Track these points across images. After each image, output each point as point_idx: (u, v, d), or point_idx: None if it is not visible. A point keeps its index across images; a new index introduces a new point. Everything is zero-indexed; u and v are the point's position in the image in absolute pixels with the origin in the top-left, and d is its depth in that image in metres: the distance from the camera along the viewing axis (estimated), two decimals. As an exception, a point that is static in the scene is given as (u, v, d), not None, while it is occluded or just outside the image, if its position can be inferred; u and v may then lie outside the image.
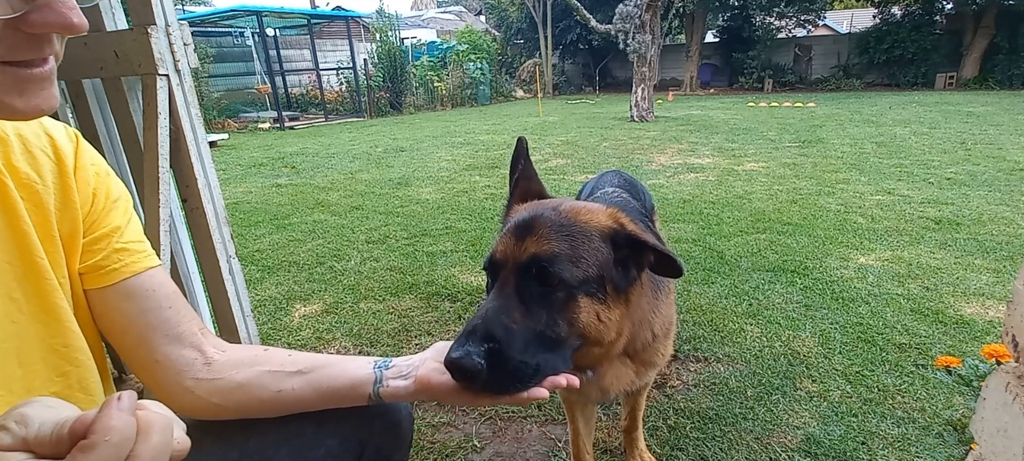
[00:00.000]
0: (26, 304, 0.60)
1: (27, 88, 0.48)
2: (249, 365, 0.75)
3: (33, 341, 0.60)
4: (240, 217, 4.20)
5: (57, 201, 0.64)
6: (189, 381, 0.72)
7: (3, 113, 0.48)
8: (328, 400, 0.77)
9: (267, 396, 0.74)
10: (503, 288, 0.79)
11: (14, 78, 0.47)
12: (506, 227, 0.86)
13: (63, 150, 0.66)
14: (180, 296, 0.75)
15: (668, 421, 1.69)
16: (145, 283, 0.71)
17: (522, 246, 0.81)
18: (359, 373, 0.77)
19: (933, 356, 1.94)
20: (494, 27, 23.12)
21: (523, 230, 0.82)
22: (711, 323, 2.29)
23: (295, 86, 14.78)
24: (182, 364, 0.72)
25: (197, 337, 0.74)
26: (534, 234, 0.81)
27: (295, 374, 0.75)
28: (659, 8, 9.76)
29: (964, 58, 14.87)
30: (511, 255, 0.81)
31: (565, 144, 7.44)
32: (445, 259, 3.14)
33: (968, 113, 8.92)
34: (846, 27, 19.04)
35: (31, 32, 0.46)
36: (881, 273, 2.72)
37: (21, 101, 0.48)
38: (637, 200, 1.65)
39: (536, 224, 0.83)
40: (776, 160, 5.71)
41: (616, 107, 12.56)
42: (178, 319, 0.73)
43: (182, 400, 0.72)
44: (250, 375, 0.74)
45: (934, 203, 3.88)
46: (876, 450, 1.54)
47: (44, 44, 0.48)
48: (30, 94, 0.48)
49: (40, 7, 0.45)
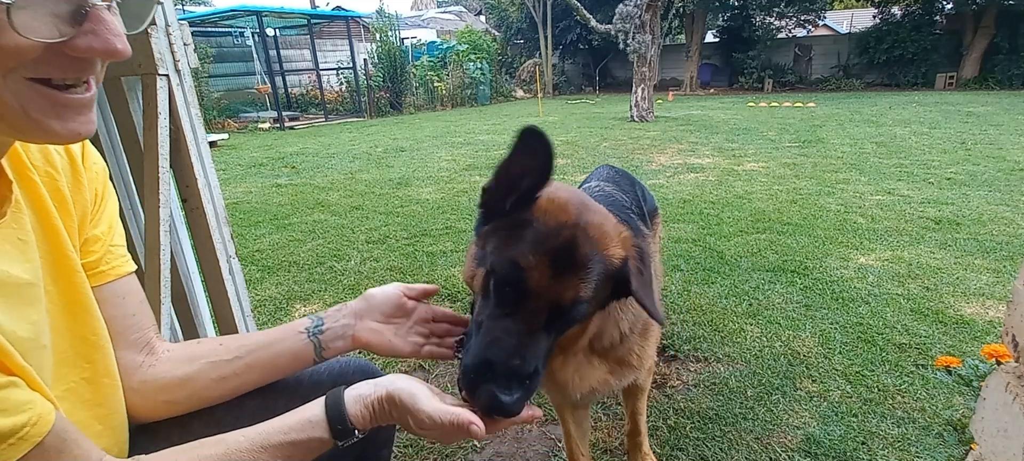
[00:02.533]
0: (58, 296, 0.61)
1: (66, 112, 0.48)
2: (188, 361, 0.77)
3: (63, 331, 0.62)
4: (240, 217, 4.20)
5: (71, 193, 0.66)
6: (136, 383, 0.74)
7: (40, 136, 0.49)
8: (273, 376, 0.81)
9: (212, 385, 0.77)
10: (532, 321, 0.75)
11: (53, 101, 0.47)
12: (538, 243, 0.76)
13: (72, 147, 0.68)
14: (145, 302, 0.78)
15: (668, 421, 1.69)
16: (122, 288, 0.73)
17: (560, 286, 0.75)
18: (296, 345, 0.81)
19: (933, 356, 1.94)
20: (494, 27, 23.12)
21: (561, 264, 0.75)
22: (711, 323, 2.29)
23: (295, 86, 14.78)
24: (132, 368, 0.74)
25: (151, 341, 0.77)
26: (573, 274, 0.75)
27: (233, 360, 0.78)
28: (659, 8, 9.76)
29: (964, 58, 14.88)
30: (545, 291, 0.74)
31: (565, 144, 7.44)
32: (445, 259, 3.14)
33: (968, 113, 8.92)
34: (846, 27, 19.04)
35: (75, 56, 0.46)
36: (881, 273, 2.72)
37: (59, 124, 0.48)
38: (627, 194, 1.63)
39: (574, 261, 0.76)
40: (776, 160, 5.71)
41: (616, 107, 12.56)
42: (140, 325, 0.75)
43: (131, 402, 0.73)
44: (190, 370, 0.77)
45: (934, 203, 3.88)
46: (876, 450, 1.54)
47: (87, 68, 0.48)
48: (68, 118, 0.48)
49: (85, 32, 0.45)
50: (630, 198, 1.63)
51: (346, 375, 0.86)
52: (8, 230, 0.55)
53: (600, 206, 0.88)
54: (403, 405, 0.69)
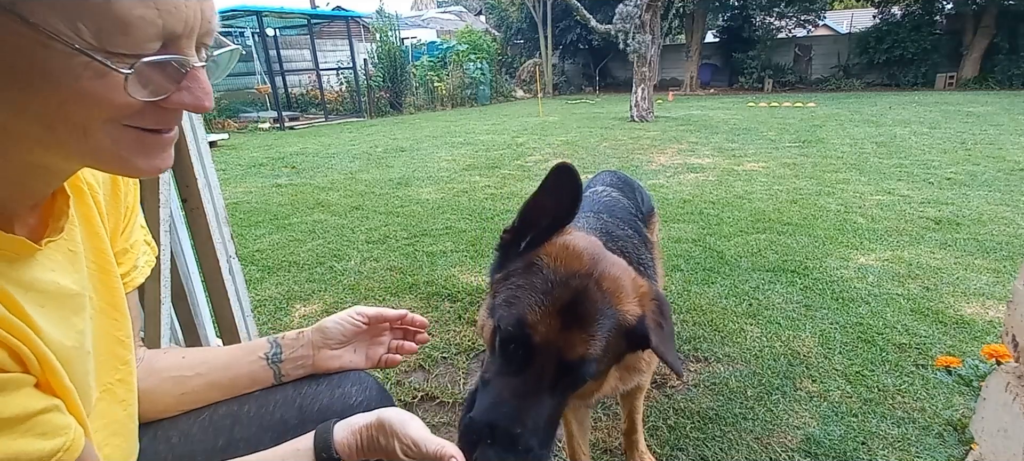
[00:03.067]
0: (99, 301, 0.65)
1: (151, 151, 0.53)
2: (149, 374, 0.81)
3: (103, 335, 0.65)
4: (240, 217, 4.20)
5: (108, 207, 0.69)
6: None
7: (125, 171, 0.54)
8: (231, 393, 0.85)
9: (171, 400, 0.82)
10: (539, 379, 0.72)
11: (141, 142, 0.51)
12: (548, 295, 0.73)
13: None
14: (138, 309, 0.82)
15: (668, 421, 1.69)
16: (131, 298, 0.75)
17: (569, 341, 0.72)
18: (255, 369, 0.85)
19: (933, 356, 1.94)
20: (494, 27, 23.12)
21: (571, 318, 0.72)
22: (711, 323, 2.29)
23: (295, 86, 14.77)
24: None
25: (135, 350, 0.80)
26: (582, 330, 0.72)
27: (194, 377, 0.83)
28: (659, 8, 9.76)
29: (964, 58, 14.88)
30: (554, 345, 0.72)
31: (565, 144, 7.44)
32: (445, 259, 3.14)
33: (968, 113, 8.92)
34: (846, 27, 19.03)
35: (168, 108, 0.51)
36: (881, 273, 2.72)
37: (144, 161, 0.53)
38: (630, 199, 1.64)
39: (584, 316, 0.72)
40: (776, 160, 5.71)
41: (616, 107, 12.56)
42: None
43: None
44: (152, 384, 0.80)
45: (934, 203, 3.88)
46: (876, 450, 1.54)
47: (175, 117, 0.54)
48: (152, 156, 0.53)
49: (181, 88, 0.50)
50: (633, 204, 1.64)
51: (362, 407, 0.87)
52: (62, 242, 0.59)
53: (617, 258, 0.83)
54: (392, 430, 0.72)
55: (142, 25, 0.45)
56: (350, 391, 0.87)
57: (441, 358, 2.10)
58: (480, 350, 2.14)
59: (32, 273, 0.53)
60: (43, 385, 0.52)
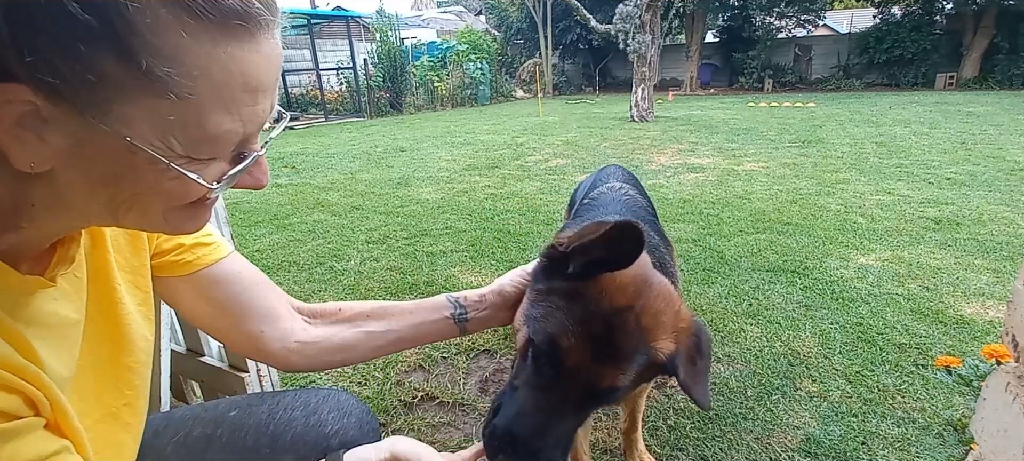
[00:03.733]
0: (104, 327, 0.66)
1: (198, 215, 0.55)
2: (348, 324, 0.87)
3: (108, 360, 0.66)
4: (240, 217, 4.20)
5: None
6: (294, 345, 0.83)
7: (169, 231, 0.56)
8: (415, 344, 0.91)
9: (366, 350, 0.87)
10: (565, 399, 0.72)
11: (190, 213, 0.54)
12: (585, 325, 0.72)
13: None
14: (263, 276, 0.86)
15: (668, 421, 1.69)
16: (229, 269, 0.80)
17: (600, 372, 0.72)
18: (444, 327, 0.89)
19: (933, 356, 1.94)
20: (494, 27, 23.12)
21: (604, 352, 0.72)
22: (711, 323, 2.29)
23: (295, 86, 14.77)
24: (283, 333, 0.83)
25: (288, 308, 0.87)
26: (613, 363, 0.72)
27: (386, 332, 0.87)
28: (659, 8, 9.76)
29: (964, 58, 14.88)
30: (583, 372, 0.71)
31: (565, 144, 7.44)
32: (445, 259, 3.14)
33: (968, 113, 8.93)
34: (846, 27, 19.03)
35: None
36: (881, 273, 2.72)
37: (190, 225, 0.55)
38: (644, 197, 1.64)
39: (617, 350, 0.72)
40: (776, 160, 5.72)
41: (616, 107, 12.56)
42: (268, 295, 0.84)
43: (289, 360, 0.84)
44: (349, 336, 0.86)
45: (934, 203, 3.88)
46: (876, 450, 1.54)
47: None
48: (198, 220, 0.56)
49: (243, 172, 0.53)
50: (647, 201, 1.62)
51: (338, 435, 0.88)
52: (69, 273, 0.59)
53: (664, 285, 0.80)
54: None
55: (228, 137, 0.47)
56: (326, 419, 0.85)
57: (441, 358, 2.10)
58: (480, 350, 2.14)
59: (37, 304, 0.54)
60: (52, 426, 0.52)
